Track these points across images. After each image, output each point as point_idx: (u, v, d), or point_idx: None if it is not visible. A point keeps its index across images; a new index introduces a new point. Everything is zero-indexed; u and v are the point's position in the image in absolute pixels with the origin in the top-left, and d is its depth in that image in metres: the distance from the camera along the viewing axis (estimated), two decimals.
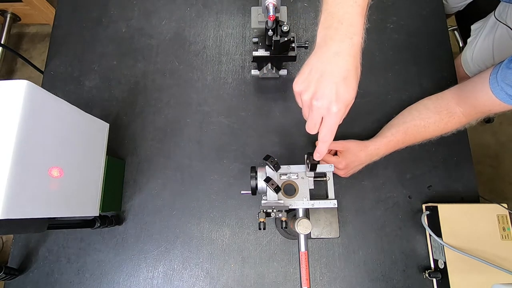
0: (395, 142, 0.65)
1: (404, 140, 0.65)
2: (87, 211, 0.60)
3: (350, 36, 0.40)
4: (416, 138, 0.64)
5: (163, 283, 0.68)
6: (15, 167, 0.43)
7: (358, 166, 0.67)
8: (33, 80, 0.45)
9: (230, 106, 0.78)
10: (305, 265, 0.50)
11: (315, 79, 0.41)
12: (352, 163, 0.65)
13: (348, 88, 0.39)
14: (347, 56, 0.39)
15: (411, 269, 0.67)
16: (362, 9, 0.41)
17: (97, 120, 0.65)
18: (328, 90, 0.40)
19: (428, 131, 0.63)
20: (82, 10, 0.87)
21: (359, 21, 0.40)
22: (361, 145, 0.66)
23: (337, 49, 0.40)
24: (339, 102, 0.39)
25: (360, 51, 0.41)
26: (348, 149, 0.65)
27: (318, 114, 0.41)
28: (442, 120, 0.62)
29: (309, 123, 0.44)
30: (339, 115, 0.40)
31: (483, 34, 0.87)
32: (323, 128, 0.42)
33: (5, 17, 1.58)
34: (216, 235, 0.70)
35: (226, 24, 0.85)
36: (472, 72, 0.93)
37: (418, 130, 0.63)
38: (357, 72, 0.40)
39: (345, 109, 0.41)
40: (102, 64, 0.82)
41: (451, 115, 0.61)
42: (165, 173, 0.74)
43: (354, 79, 0.40)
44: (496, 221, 0.63)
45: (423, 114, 0.63)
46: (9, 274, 0.66)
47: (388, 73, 0.80)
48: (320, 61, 0.41)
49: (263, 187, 0.55)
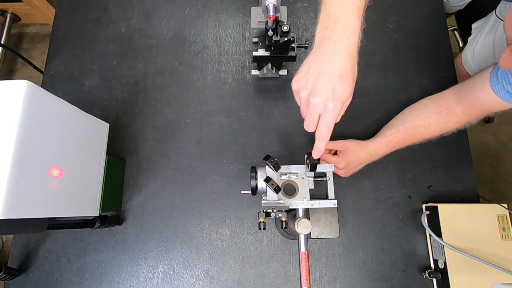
0: (395, 141, 0.65)
1: (404, 140, 0.65)
2: (87, 211, 0.60)
3: (346, 35, 0.41)
4: (416, 138, 0.64)
5: (163, 283, 0.68)
6: (15, 167, 0.43)
7: (358, 165, 0.67)
8: (33, 80, 0.45)
9: (230, 106, 0.78)
10: (305, 265, 0.50)
11: (312, 77, 0.42)
12: (352, 162, 0.66)
13: (344, 85, 0.40)
14: (344, 55, 0.40)
15: (411, 269, 0.67)
16: (359, 10, 0.41)
17: (97, 120, 0.65)
18: (325, 87, 0.40)
19: (428, 130, 0.63)
20: (82, 10, 0.87)
21: (356, 21, 0.41)
22: (361, 145, 0.66)
23: (334, 48, 0.41)
24: (336, 99, 0.40)
25: (357, 50, 0.41)
26: (348, 149, 0.65)
27: (315, 111, 0.42)
28: (442, 119, 0.62)
29: (307, 120, 0.44)
30: (335, 112, 0.41)
31: (484, 33, 0.87)
32: (320, 125, 0.43)
33: (5, 17, 1.58)
34: (216, 235, 0.70)
35: (226, 24, 0.85)
36: (473, 71, 0.93)
37: (418, 130, 0.63)
38: (353, 70, 0.41)
39: (341, 106, 0.42)
40: (102, 64, 0.82)
41: (451, 114, 0.61)
42: (165, 173, 0.74)
43: (351, 77, 0.41)
44: (496, 221, 0.63)
45: (423, 113, 0.63)
46: (9, 274, 0.66)
47: (388, 73, 0.80)
48: (317, 59, 0.42)
49: (263, 187, 0.55)
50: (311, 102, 0.42)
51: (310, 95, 0.42)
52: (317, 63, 0.42)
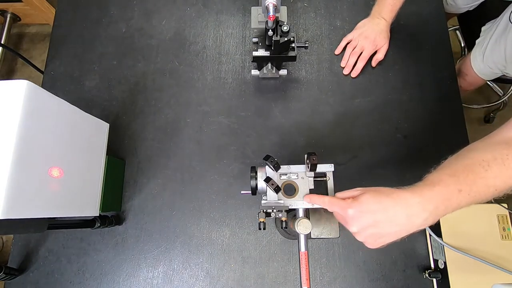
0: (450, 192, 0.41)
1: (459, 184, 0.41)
2: (87, 211, 0.60)
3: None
4: (480, 194, 0.42)
5: (163, 283, 0.68)
6: (15, 167, 0.43)
7: (385, 229, 0.42)
8: (33, 80, 0.45)
9: (230, 106, 0.78)
10: (305, 265, 0.50)
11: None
12: (370, 218, 0.42)
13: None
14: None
15: (411, 269, 0.67)
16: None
17: (97, 120, 0.65)
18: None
19: (491, 173, 0.41)
20: (82, 10, 0.87)
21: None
22: (388, 191, 0.43)
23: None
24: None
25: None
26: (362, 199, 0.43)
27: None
28: (503, 155, 0.42)
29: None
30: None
31: (494, 36, 0.87)
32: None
33: (5, 17, 1.58)
34: (216, 235, 0.70)
35: (226, 24, 0.85)
36: (483, 73, 0.93)
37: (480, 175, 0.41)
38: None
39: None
40: (102, 64, 0.82)
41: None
42: (165, 173, 0.74)
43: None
44: (496, 221, 0.63)
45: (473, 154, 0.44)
46: (9, 274, 0.66)
47: (388, 73, 0.80)
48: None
49: (263, 187, 0.55)
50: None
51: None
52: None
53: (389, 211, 0.41)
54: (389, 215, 0.41)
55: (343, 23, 0.84)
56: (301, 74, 0.80)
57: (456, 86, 0.79)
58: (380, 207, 0.41)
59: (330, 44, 0.83)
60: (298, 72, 0.80)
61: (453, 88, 0.79)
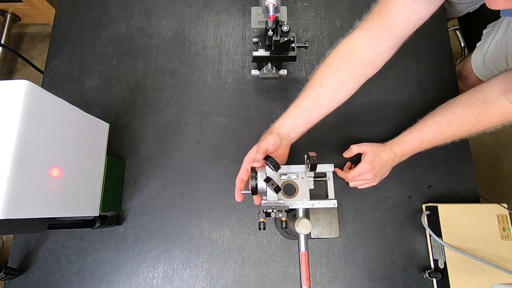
0: (410, 141, 0.62)
1: (422, 139, 0.60)
2: (87, 211, 0.60)
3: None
4: (438, 137, 0.59)
5: (163, 283, 0.68)
6: (15, 167, 0.43)
7: (383, 167, 0.65)
8: (33, 80, 0.45)
9: (230, 106, 0.78)
10: (305, 265, 0.50)
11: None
12: (376, 163, 0.64)
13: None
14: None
15: (411, 269, 0.67)
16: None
17: (97, 120, 0.65)
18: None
19: (452, 127, 0.57)
20: (82, 10, 0.87)
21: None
22: (378, 145, 0.66)
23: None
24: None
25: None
26: (366, 151, 0.65)
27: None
28: (473, 113, 0.54)
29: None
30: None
31: (495, 39, 0.86)
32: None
33: (5, 17, 1.58)
34: (216, 235, 0.70)
35: (226, 24, 0.85)
36: (484, 76, 0.92)
37: (440, 127, 0.58)
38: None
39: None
40: (102, 64, 0.82)
41: (487, 106, 0.53)
42: (165, 173, 0.74)
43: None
44: (496, 221, 0.63)
45: (448, 109, 0.58)
46: (9, 274, 0.66)
47: (388, 73, 0.80)
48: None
49: (263, 187, 0.55)
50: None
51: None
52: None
53: (382, 161, 0.64)
54: (382, 162, 0.64)
55: (343, 23, 0.84)
56: (301, 74, 0.80)
57: (456, 86, 0.79)
58: (379, 160, 0.64)
59: (330, 44, 0.83)
60: (298, 72, 0.81)
61: (453, 88, 0.79)
